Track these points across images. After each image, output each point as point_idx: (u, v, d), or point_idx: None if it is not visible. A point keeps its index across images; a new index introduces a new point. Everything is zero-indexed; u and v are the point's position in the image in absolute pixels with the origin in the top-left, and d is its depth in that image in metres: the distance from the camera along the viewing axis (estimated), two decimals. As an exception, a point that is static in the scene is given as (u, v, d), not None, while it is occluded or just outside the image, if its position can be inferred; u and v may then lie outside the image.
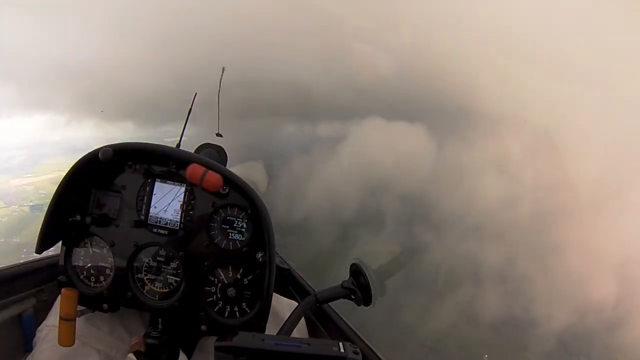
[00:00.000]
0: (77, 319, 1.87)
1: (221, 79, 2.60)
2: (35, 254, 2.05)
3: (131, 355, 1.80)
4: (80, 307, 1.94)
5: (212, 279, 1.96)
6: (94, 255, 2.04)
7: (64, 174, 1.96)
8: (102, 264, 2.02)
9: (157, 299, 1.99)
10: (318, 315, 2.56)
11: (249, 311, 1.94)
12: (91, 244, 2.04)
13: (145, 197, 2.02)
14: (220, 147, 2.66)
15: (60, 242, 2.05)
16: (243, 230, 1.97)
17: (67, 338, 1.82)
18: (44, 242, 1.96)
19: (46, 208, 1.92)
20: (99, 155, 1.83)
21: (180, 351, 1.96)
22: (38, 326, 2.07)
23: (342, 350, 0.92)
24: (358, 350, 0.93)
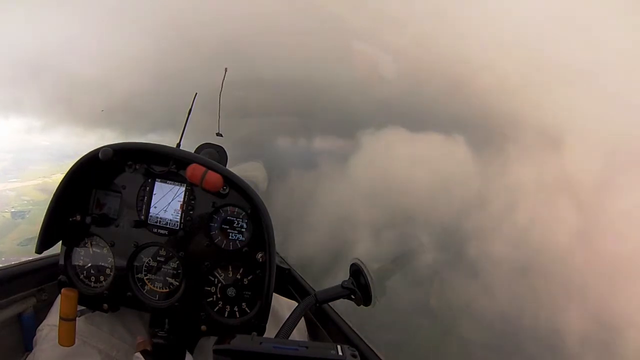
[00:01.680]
0: (77, 318, 1.88)
1: (223, 79, 2.62)
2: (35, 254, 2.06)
3: (138, 354, 1.80)
4: (80, 307, 1.94)
5: (212, 279, 1.96)
6: (94, 255, 2.04)
7: (64, 174, 1.96)
8: (102, 264, 2.02)
9: (157, 298, 1.99)
10: (318, 315, 2.56)
11: (249, 311, 1.94)
12: (91, 243, 2.04)
13: (145, 197, 2.02)
14: (220, 147, 2.66)
15: (60, 242, 2.06)
16: (243, 230, 1.97)
17: (67, 338, 1.83)
18: (44, 242, 1.96)
19: (45, 209, 1.92)
20: (99, 155, 1.83)
21: (187, 352, 1.96)
22: (38, 326, 2.07)
23: (340, 353, 0.92)
24: (356, 353, 0.93)
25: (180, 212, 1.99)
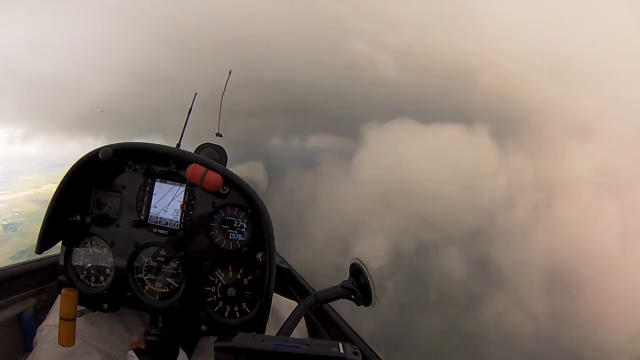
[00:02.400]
0: (77, 318, 1.88)
1: (227, 81, 2.62)
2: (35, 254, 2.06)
3: (131, 353, 1.81)
4: (80, 307, 1.94)
5: (212, 279, 1.97)
6: (94, 255, 2.04)
7: (64, 174, 1.96)
8: (102, 264, 2.02)
9: (157, 298, 1.99)
10: (318, 315, 2.57)
11: (249, 311, 1.94)
12: (91, 244, 2.05)
13: (145, 197, 2.02)
14: (220, 147, 2.66)
15: (60, 242, 2.06)
16: (243, 230, 1.97)
17: (67, 338, 1.83)
18: (44, 242, 1.96)
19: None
20: (99, 155, 1.83)
21: (180, 349, 1.97)
22: (38, 326, 2.07)
23: (341, 350, 0.92)
24: (358, 350, 0.93)
25: (180, 212, 1.99)
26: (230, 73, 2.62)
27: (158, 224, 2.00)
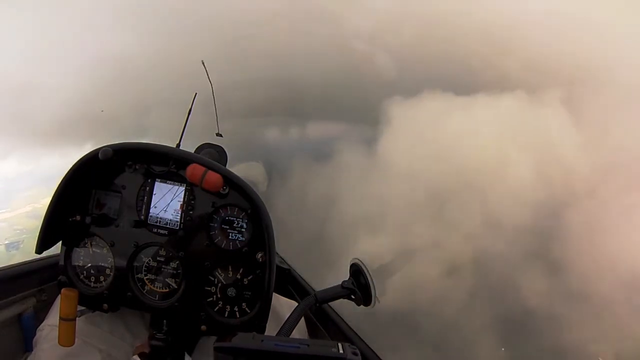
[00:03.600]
0: (77, 318, 1.88)
1: (207, 74, 2.56)
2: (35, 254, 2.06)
3: (136, 357, 1.81)
4: (80, 307, 1.94)
5: (212, 279, 1.97)
6: (94, 255, 2.04)
7: (64, 175, 1.96)
8: (102, 264, 2.02)
9: (157, 299, 1.99)
10: (318, 315, 2.57)
11: (249, 311, 1.94)
12: (91, 244, 2.04)
13: (145, 197, 2.02)
14: (220, 147, 2.67)
15: (60, 242, 2.06)
16: (243, 230, 1.97)
17: (67, 338, 1.83)
18: (44, 242, 1.97)
19: (45, 210, 1.92)
20: (99, 155, 1.83)
21: (186, 354, 1.96)
22: (38, 326, 2.08)
23: (341, 351, 0.93)
24: (357, 351, 0.93)
25: (180, 212, 1.99)
26: (204, 64, 2.55)
27: (158, 224, 2.00)
